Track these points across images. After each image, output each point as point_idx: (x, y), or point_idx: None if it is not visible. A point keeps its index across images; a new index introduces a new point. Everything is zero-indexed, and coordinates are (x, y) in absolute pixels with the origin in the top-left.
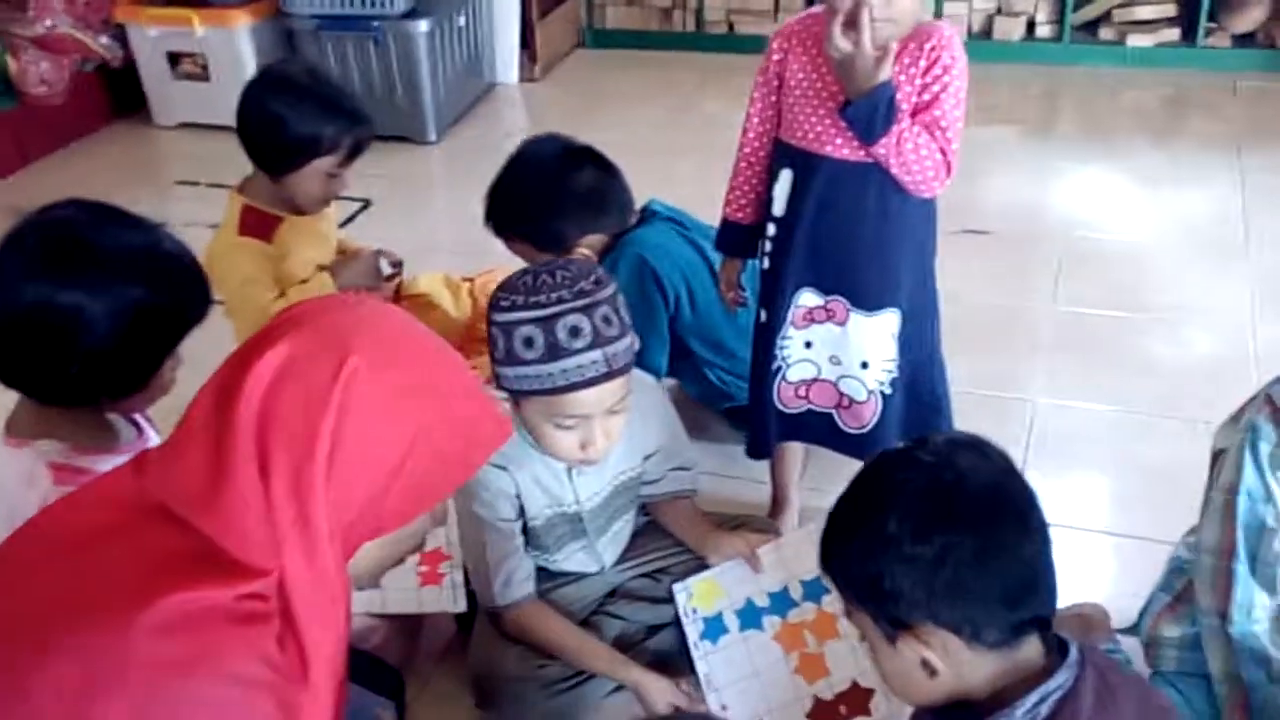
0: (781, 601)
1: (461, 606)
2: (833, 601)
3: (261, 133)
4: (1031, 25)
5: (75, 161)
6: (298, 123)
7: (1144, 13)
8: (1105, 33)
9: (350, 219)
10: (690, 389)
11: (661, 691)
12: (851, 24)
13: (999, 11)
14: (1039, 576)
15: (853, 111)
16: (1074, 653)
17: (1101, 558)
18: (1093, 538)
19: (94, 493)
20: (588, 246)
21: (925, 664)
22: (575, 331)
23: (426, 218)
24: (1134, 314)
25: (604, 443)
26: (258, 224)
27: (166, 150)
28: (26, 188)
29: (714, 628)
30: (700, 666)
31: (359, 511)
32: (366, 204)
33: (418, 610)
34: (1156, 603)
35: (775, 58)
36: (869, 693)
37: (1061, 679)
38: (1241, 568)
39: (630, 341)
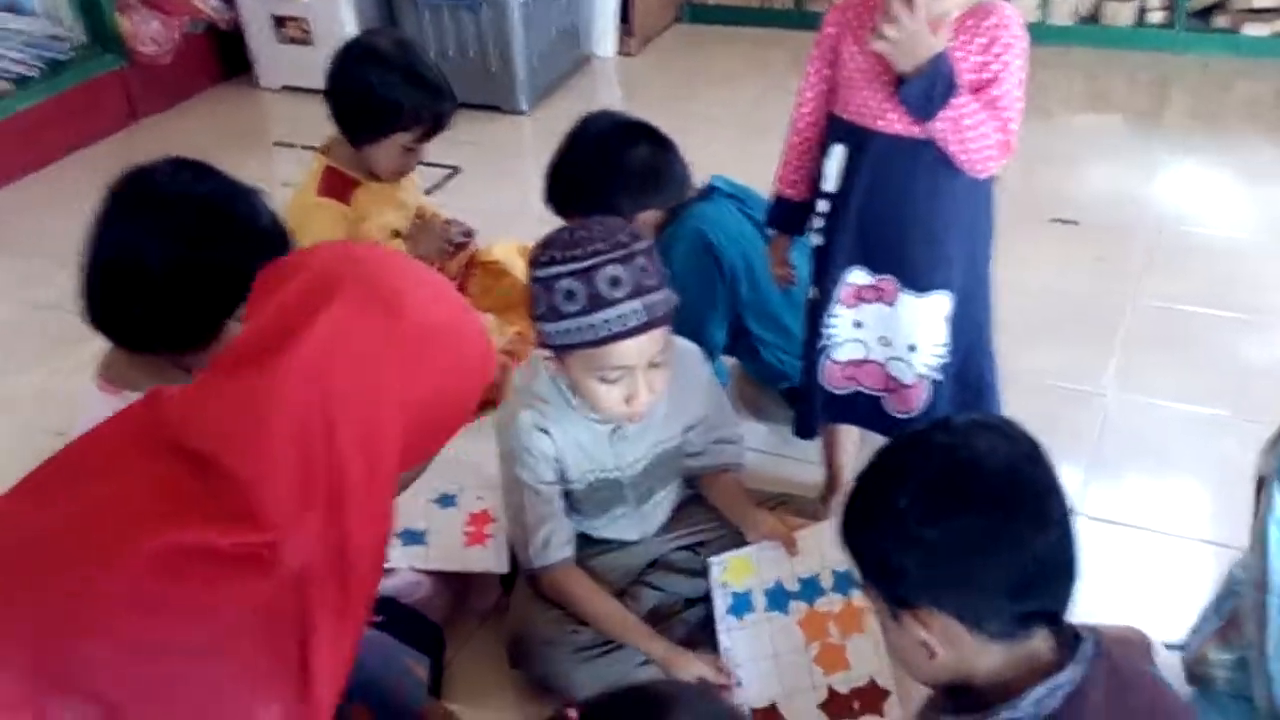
0: (811, 588)
1: (504, 568)
2: (860, 596)
3: (347, 100)
4: (1142, 11)
5: (181, 120)
6: (381, 94)
7: (1260, 1)
8: (1219, 20)
9: (437, 185)
10: (748, 367)
11: (688, 667)
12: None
13: None
14: (1051, 569)
15: (908, 89)
16: (1088, 647)
17: (1165, 560)
18: (1157, 538)
19: (112, 426)
20: (643, 222)
21: (925, 645)
22: (615, 281)
23: (513, 187)
24: (1223, 312)
25: (648, 396)
26: (337, 186)
27: (268, 112)
28: (134, 144)
29: (741, 604)
30: (722, 640)
31: (412, 444)
32: (455, 171)
33: (461, 568)
34: (1207, 625)
35: (830, 30)
36: (885, 693)
37: (1072, 673)
38: (1274, 600)
39: (667, 293)
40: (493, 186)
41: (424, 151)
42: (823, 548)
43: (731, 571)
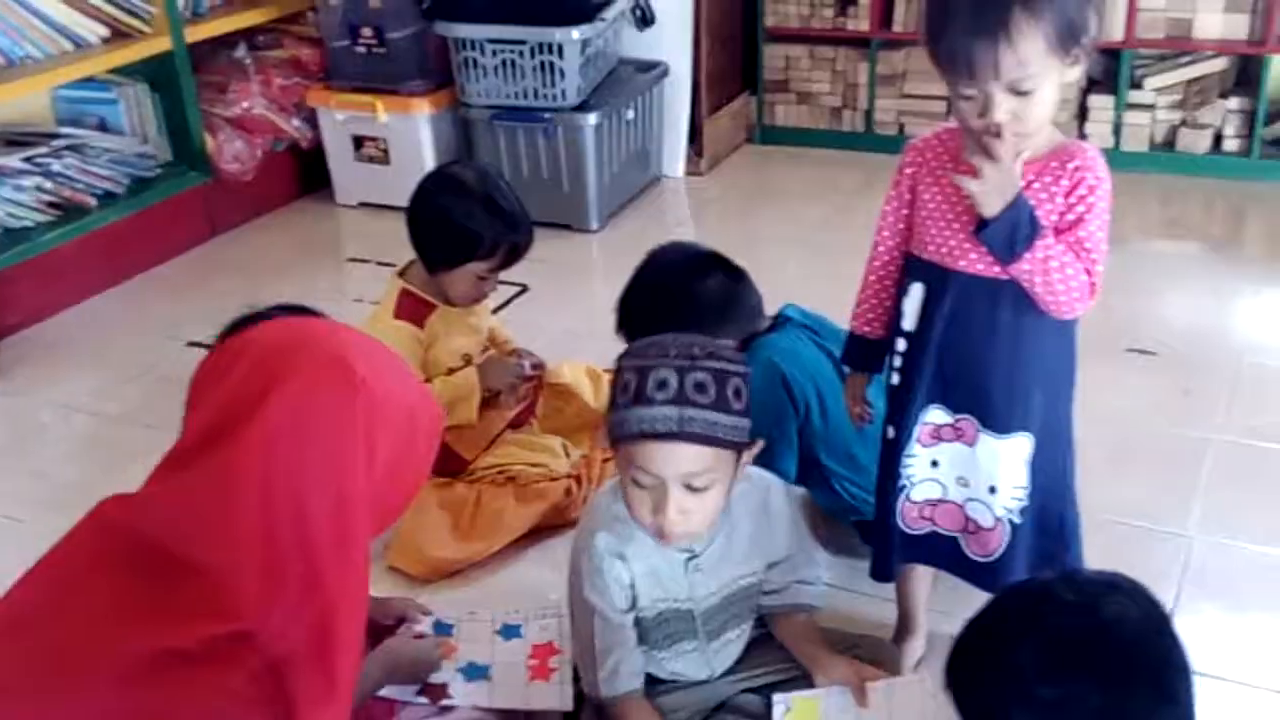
0: None
1: (568, 704)
2: None
3: (425, 227)
4: (1218, 139)
5: (259, 234)
6: (460, 223)
7: None
8: None
9: (506, 303)
10: (819, 499)
11: None
12: (987, 151)
13: (1183, 124)
14: None
15: (993, 232)
16: None
17: (1244, 712)
18: (1249, 692)
19: (65, 549)
20: None
21: None
22: (662, 384)
23: (581, 306)
24: None
25: (676, 519)
26: (412, 309)
27: (345, 228)
28: (210, 257)
29: None
30: None
31: (379, 512)
32: (523, 289)
33: (524, 706)
34: None
35: (908, 171)
36: None
37: None
38: None
39: (723, 419)
40: (561, 306)
41: (495, 280)
42: (894, 704)
43: (796, 714)
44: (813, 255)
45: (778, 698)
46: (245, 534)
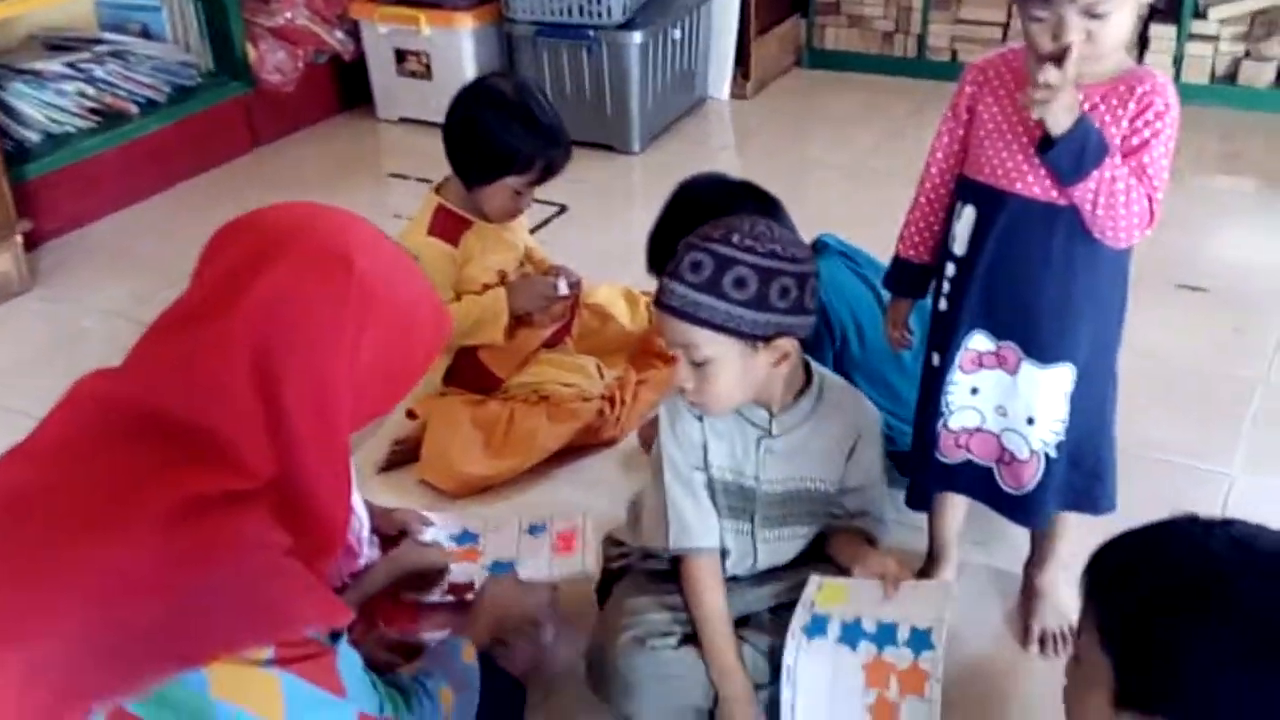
0: (886, 635)
1: (593, 570)
2: (930, 660)
3: (462, 141)
4: None
5: (300, 147)
6: (496, 137)
7: None
8: None
9: (545, 223)
10: None
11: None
12: (1056, 61)
13: (1247, 56)
14: None
15: (1060, 151)
16: None
17: None
18: None
19: (54, 428)
20: None
21: None
22: (694, 266)
23: (621, 227)
24: None
25: (695, 391)
26: (447, 226)
27: (385, 143)
28: (253, 169)
29: (816, 626)
30: (788, 655)
31: (364, 403)
32: (562, 209)
33: (548, 578)
34: None
35: (969, 90)
36: None
37: None
38: None
39: (730, 310)
40: (600, 227)
41: (531, 195)
42: (915, 600)
43: (825, 593)
44: (860, 183)
45: (815, 576)
46: (244, 399)
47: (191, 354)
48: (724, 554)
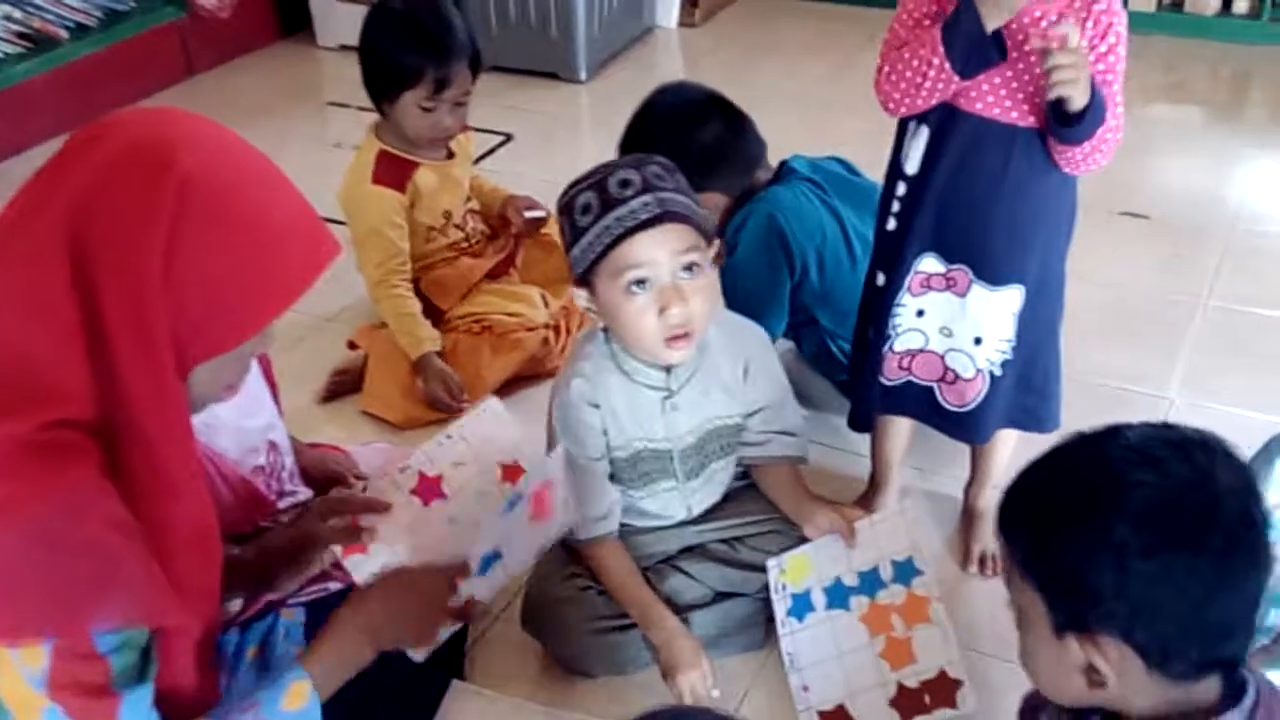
0: (871, 582)
1: (572, 518)
2: (924, 584)
3: (363, 60)
4: (1228, 1)
5: (237, 75)
6: (384, 53)
7: None
8: None
9: (490, 152)
10: (810, 356)
11: (685, 674)
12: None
13: None
14: (1249, 615)
15: (1085, 125)
16: (1249, 697)
17: None
18: None
19: None
20: (709, 204)
21: (1091, 671)
22: (625, 183)
23: (567, 157)
24: None
25: (683, 310)
26: (391, 171)
27: (325, 71)
28: (188, 98)
29: (801, 605)
30: (785, 645)
31: (195, 327)
32: (508, 138)
33: (540, 553)
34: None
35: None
36: (957, 683)
37: None
38: None
39: (690, 201)
40: (546, 156)
41: (453, 115)
42: (880, 538)
43: (790, 572)
44: (812, 112)
45: (770, 562)
46: (62, 312)
47: (8, 265)
48: (655, 525)
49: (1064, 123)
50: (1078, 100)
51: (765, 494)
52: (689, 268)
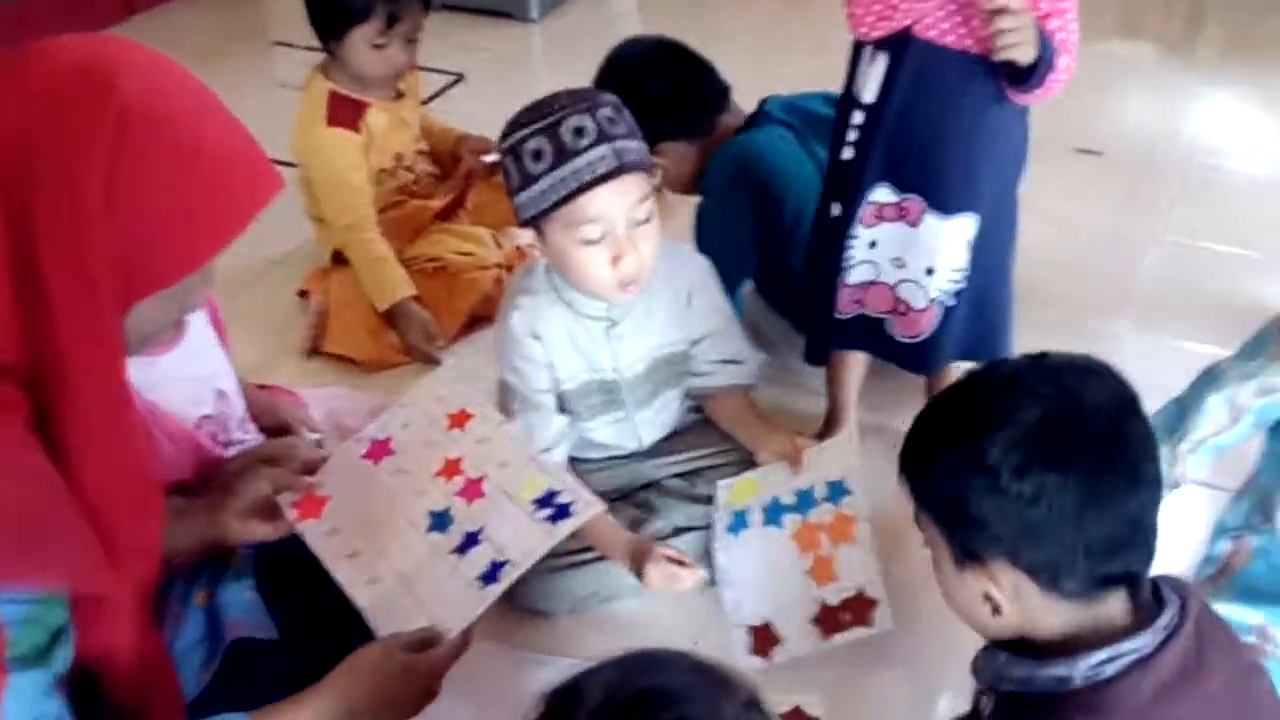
0: (805, 500)
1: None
2: (852, 504)
3: (310, 2)
4: None
5: (180, 14)
6: None
7: None
8: None
9: (440, 92)
10: (779, 300)
11: (656, 560)
12: None
13: None
14: (1138, 532)
15: (1036, 78)
16: (1167, 615)
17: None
18: None
19: None
20: (672, 154)
21: (989, 599)
22: (579, 131)
23: (519, 98)
24: (1250, 252)
25: (636, 258)
26: (344, 112)
27: (271, 9)
28: (131, 35)
29: (738, 522)
30: (719, 559)
31: (134, 260)
32: (459, 78)
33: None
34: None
35: None
36: (873, 603)
37: (1141, 641)
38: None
39: (642, 146)
40: (498, 96)
41: (405, 52)
42: (824, 462)
43: (736, 493)
44: (767, 53)
45: (720, 483)
46: None
47: None
48: (609, 460)
49: (1015, 79)
50: (1024, 60)
51: (720, 425)
52: (641, 218)
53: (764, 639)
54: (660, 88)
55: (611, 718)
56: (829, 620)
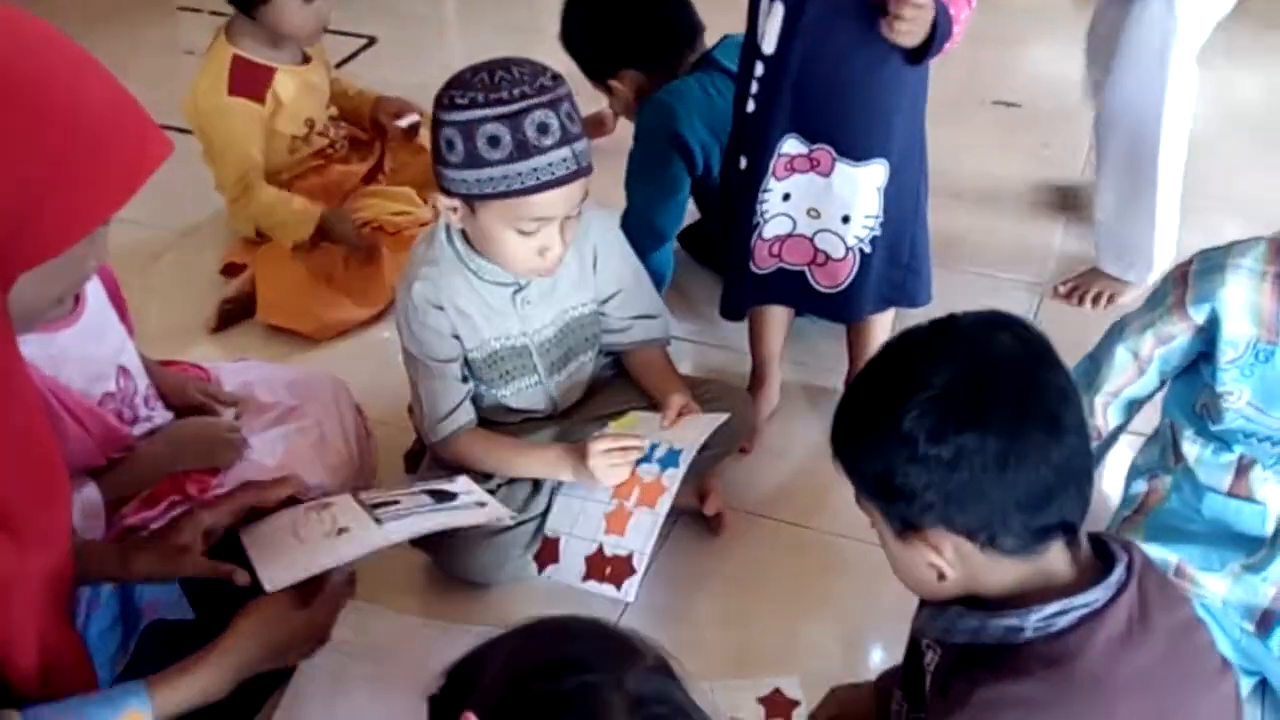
0: (648, 455)
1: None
2: (672, 476)
3: None
4: None
5: None
6: None
7: None
8: None
9: (352, 56)
10: (705, 257)
11: (594, 450)
12: None
13: None
14: (1067, 479)
15: (929, 54)
16: (1118, 571)
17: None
18: None
19: None
20: (631, 82)
21: (933, 567)
22: (544, 128)
23: (434, 60)
24: None
25: (561, 247)
26: (247, 80)
27: None
28: (32, 2)
29: None
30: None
31: (11, 230)
32: (371, 41)
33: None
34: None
35: None
36: (631, 570)
37: (1093, 596)
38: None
39: (588, 141)
40: (412, 59)
41: (328, 2)
42: (688, 429)
43: (618, 423)
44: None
45: (612, 424)
46: None
47: None
48: (522, 418)
49: (909, 57)
50: (910, 45)
51: (637, 380)
52: (576, 213)
53: (548, 552)
54: (634, 14)
55: (511, 688)
56: (595, 566)
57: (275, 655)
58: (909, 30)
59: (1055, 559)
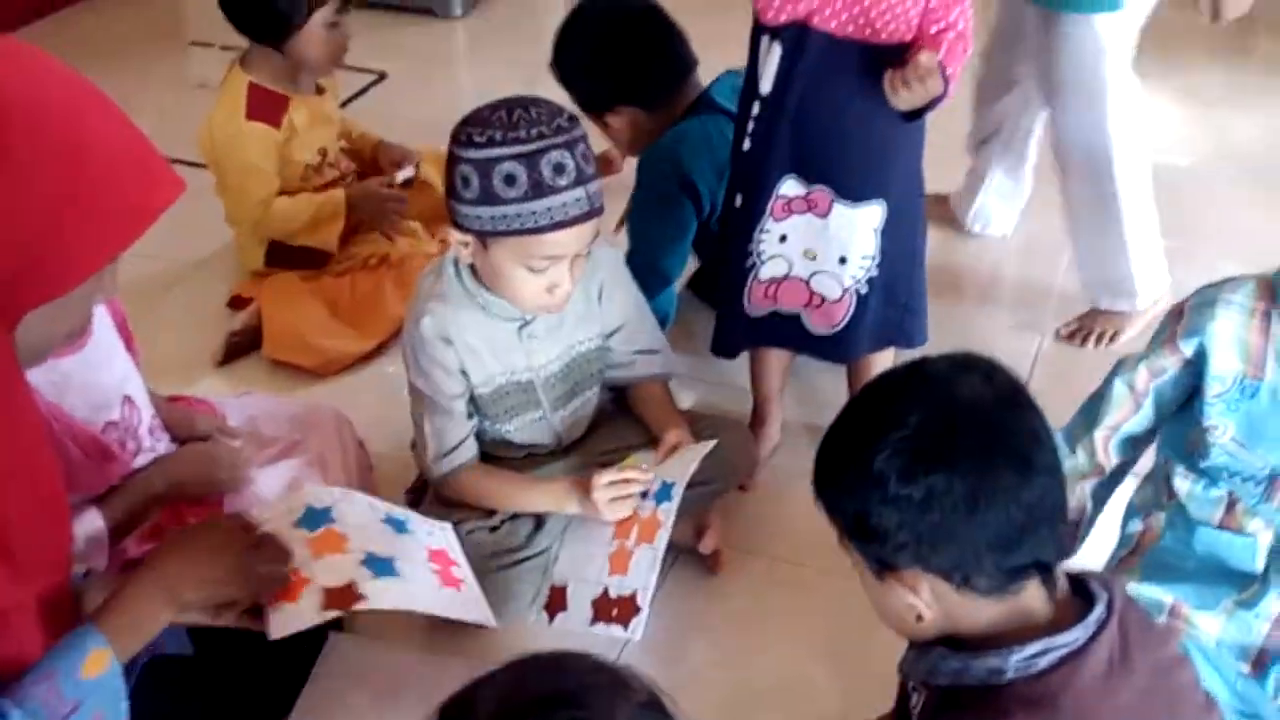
0: (645, 493)
1: (492, 621)
2: (667, 510)
3: (247, 4)
4: None
5: (95, 15)
6: None
7: None
8: None
9: (362, 92)
10: (711, 297)
11: (597, 484)
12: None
13: None
14: (1039, 519)
15: (919, 117)
16: (1098, 610)
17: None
18: None
19: None
20: (625, 119)
21: (911, 606)
22: (560, 169)
23: (443, 96)
24: (1168, 242)
25: (569, 285)
26: (265, 106)
27: (188, 7)
28: (42, 39)
29: None
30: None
31: (19, 269)
32: (382, 76)
33: (445, 614)
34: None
35: None
36: (636, 610)
37: (1073, 635)
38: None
39: (601, 181)
40: (421, 95)
41: (347, 29)
42: (678, 463)
43: (624, 462)
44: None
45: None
46: None
47: None
48: (527, 454)
49: (904, 115)
50: (905, 109)
51: (640, 415)
52: (585, 252)
53: (556, 601)
54: (625, 48)
55: None
56: (602, 608)
57: (203, 583)
58: (909, 99)
59: (1032, 598)
